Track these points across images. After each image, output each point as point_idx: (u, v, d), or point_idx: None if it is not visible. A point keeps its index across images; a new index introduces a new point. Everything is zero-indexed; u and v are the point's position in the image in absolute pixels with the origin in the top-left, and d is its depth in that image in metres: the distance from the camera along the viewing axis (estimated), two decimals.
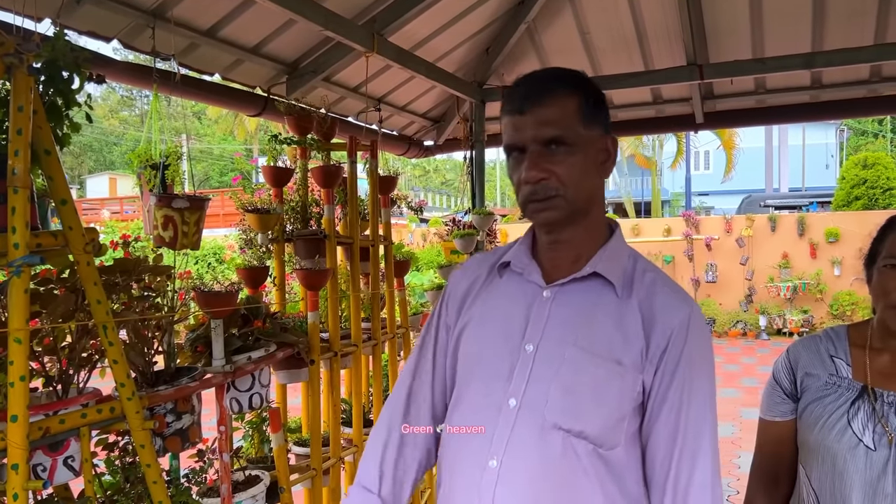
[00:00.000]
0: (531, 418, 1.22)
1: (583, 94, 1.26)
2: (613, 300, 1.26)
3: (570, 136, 1.22)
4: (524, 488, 1.20)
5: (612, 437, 1.22)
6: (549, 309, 1.27)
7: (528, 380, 1.24)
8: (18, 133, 1.74)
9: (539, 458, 1.21)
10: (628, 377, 1.21)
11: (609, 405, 1.21)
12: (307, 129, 3.43)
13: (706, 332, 1.28)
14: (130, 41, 2.88)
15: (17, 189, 1.75)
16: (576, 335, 1.24)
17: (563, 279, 1.29)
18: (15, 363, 1.73)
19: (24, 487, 1.74)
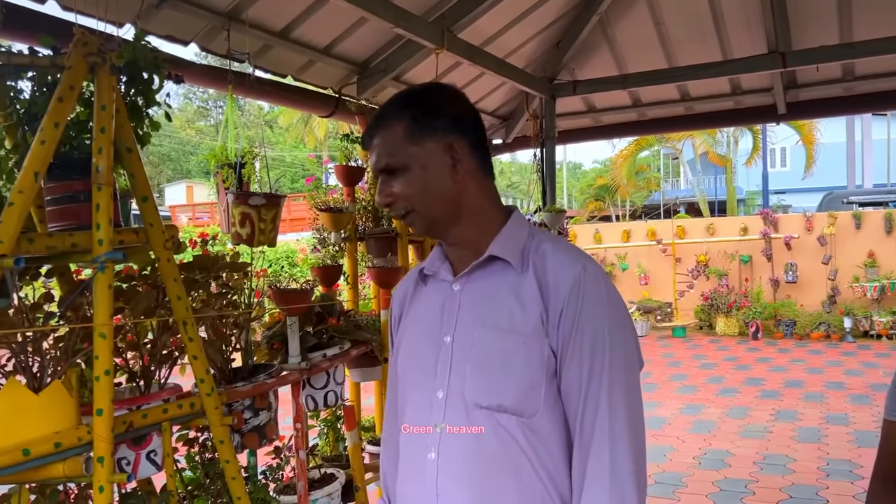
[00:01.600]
0: (457, 404, 1.29)
1: (409, 115, 1.33)
2: (514, 276, 1.32)
3: (399, 161, 1.31)
4: (462, 472, 1.26)
5: (529, 406, 1.26)
6: (458, 299, 1.35)
7: (449, 369, 1.31)
8: (102, 131, 1.77)
9: (471, 441, 1.27)
10: (533, 345, 1.26)
11: (518, 375, 1.25)
12: None
13: (602, 285, 1.30)
14: (207, 44, 2.93)
15: (100, 186, 1.78)
16: (483, 316, 1.31)
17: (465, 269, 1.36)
18: (100, 358, 1.76)
19: (109, 480, 1.76)
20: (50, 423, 1.76)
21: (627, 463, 1.24)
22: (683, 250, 15.46)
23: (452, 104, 1.36)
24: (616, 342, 1.27)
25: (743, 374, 10.34)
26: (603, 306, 1.28)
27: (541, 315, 1.27)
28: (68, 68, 1.73)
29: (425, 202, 1.32)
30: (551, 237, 1.40)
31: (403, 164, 1.31)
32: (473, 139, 1.36)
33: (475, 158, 1.35)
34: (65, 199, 1.90)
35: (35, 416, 1.74)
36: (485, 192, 1.38)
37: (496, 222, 1.37)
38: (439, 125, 1.32)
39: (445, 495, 1.27)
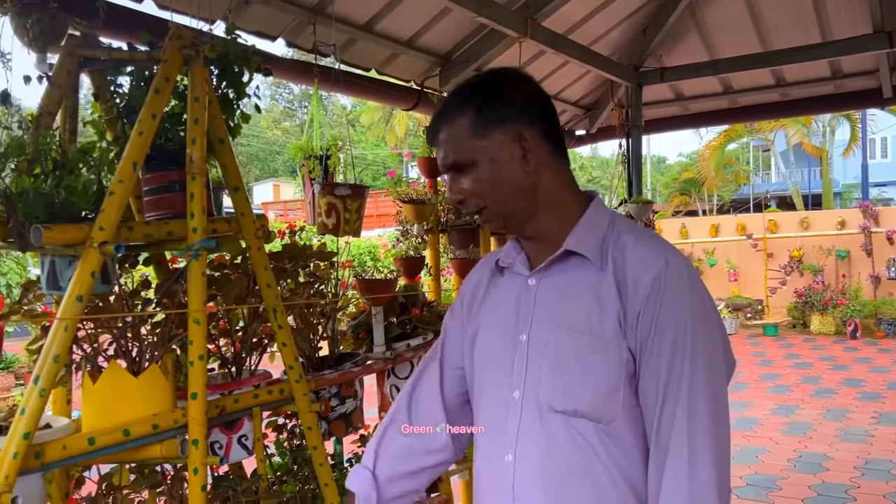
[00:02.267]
0: (533, 406, 1.23)
1: (474, 107, 1.26)
2: (592, 273, 1.24)
3: (466, 156, 1.25)
4: (538, 476, 1.22)
5: (607, 411, 1.19)
6: (534, 295, 1.29)
7: (525, 369, 1.25)
8: (196, 122, 1.82)
9: (546, 445, 1.22)
10: (611, 347, 1.19)
11: (595, 379, 1.19)
12: None
13: (686, 280, 1.21)
14: (293, 39, 2.99)
15: (194, 176, 1.83)
16: (558, 315, 1.24)
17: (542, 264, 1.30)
18: (195, 343, 1.81)
19: (203, 462, 1.81)
20: (148, 406, 1.82)
21: (707, 474, 1.14)
22: (775, 245, 14.83)
23: (519, 91, 1.29)
24: (699, 342, 1.18)
25: (840, 374, 9.83)
26: (686, 303, 1.19)
27: (618, 316, 1.20)
28: (164, 61, 1.79)
29: (498, 197, 1.26)
30: (633, 227, 1.31)
31: (471, 160, 1.25)
32: (544, 126, 1.28)
33: (547, 146, 1.27)
34: (160, 189, 1.97)
35: (134, 398, 1.80)
36: (561, 181, 1.30)
37: (575, 212, 1.30)
38: (506, 114, 1.25)
39: (522, 498, 1.24)
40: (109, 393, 1.81)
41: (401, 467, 1.44)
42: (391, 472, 1.44)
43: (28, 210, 1.61)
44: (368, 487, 1.41)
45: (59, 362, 1.56)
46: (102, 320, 1.88)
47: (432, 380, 1.47)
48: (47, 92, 1.84)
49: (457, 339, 1.46)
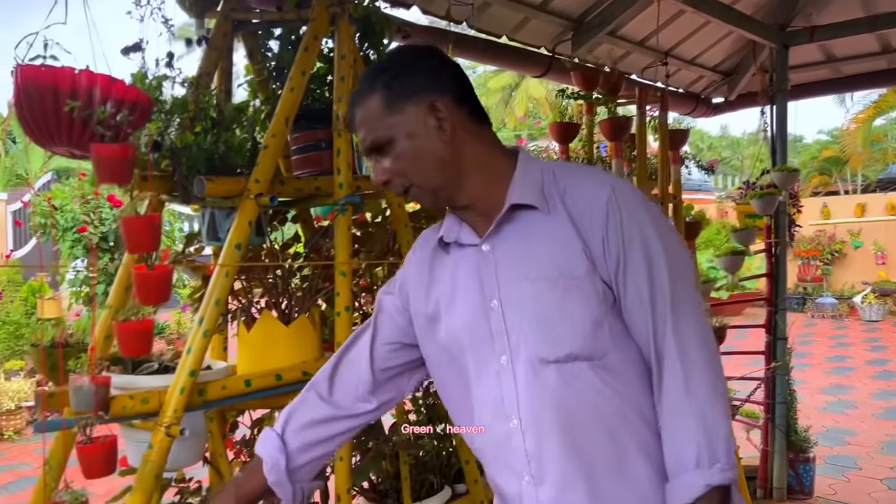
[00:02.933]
0: (524, 365, 1.21)
1: (382, 85, 1.24)
2: (543, 219, 1.23)
3: (383, 135, 1.23)
4: (548, 432, 1.20)
5: (598, 346, 1.19)
6: (493, 260, 1.25)
7: (506, 333, 1.23)
8: (342, 80, 1.87)
9: (548, 398, 1.20)
10: (585, 284, 1.19)
11: (578, 318, 1.18)
12: (593, 84, 3.32)
13: (638, 198, 1.23)
14: (427, 6, 3.00)
15: (340, 132, 1.88)
16: (524, 270, 1.22)
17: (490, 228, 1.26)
18: (341, 294, 1.86)
19: None
20: (297, 354, 1.90)
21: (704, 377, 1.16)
22: None
23: (425, 61, 1.27)
24: (670, 250, 1.20)
25: None
26: (644, 217, 1.20)
27: (583, 251, 1.19)
28: (312, 20, 1.84)
29: (421, 172, 1.23)
30: (568, 168, 1.30)
31: (388, 137, 1.23)
32: (457, 92, 1.25)
33: (462, 111, 1.24)
34: (308, 147, 2.04)
35: (285, 346, 1.89)
36: (484, 143, 1.27)
37: (506, 171, 1.26)
38: (415, 86, 1.23)
39: (537, 458, 1.21)
40: (262, 340, 1.91)
41: (312, 434, 1.39)
42: (302, 439, 1.38)
43: (191, 164, 1.71)
44: (276, 452, 1.35)
45: (219, 305, 1.65)
46: (255, 272, 1.98)
47: (361, 353, 1.42)
48: (205, 54, 1.94)
49: (393, 316, 1.41)
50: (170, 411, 1.54)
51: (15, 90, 1.31)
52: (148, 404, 1.54)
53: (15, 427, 6.77)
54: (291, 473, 1.34)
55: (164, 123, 1.72)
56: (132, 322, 1.49)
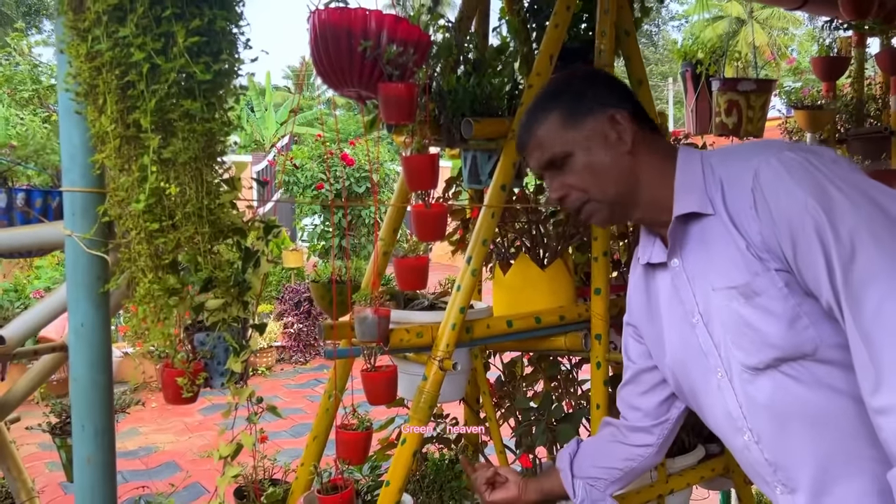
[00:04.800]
0: (739, 377, 1.17)
1: (559, 104, 1.25)
2: (713, 223, 1.17)
3: (560, 150, 1.24)
4: (781, 440, 1.16)
5: (802, 343, 1.09)
6: (684, 274, 1.23)
7: (714, 347, 1.20)
8: (605, 12, 1.79)
9: (772, 405, 1.14)
10: (761, 282, 1.10)
11: (767, 322, 1.10)
12: (866, 11, 2.93)
13: (779, 171, 1.08)
14: None
15: (605, 68, 1.80)
16: (709, 281, 1.18)
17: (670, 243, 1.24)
18: (599, 239, 1.82)
19: (605, 357, 1.83)
20: (554, 298, 1.89)
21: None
22: None
23: (599, 79, 1.31)
24: (834, 205, 1.02)
25: None
26: (789, 185, 1.06)
27: (748, 250, 1.11)
28: None
29: (600, 185, 1.23)
30: (721, 155, 1.22)
31: (566, 152, 1.23)
32: (631, 106, 1.25)
33: (637, 123, 1.24)
34: None
35: (542, 290, 1.88)
36: (659, 152, 1.25)
37: (671, 174, 1.23)
38: (594, 103, 1.24)
39: (782, 468, 1.18)
40: (519, 283, 1.92)
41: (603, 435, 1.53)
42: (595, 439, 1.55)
43: (457, 106, 1.74)
44: (571, 446, 1.53)
45: (486, 245, 1.67)
46: (509, 216, 1.99)
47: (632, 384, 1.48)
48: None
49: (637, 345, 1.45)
50: (442, 345, 1.59)
51: (312, 33, 1.38)
52: (422, 338, 1.60)
53: (266, 364, 7.58)
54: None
55: (431, 67, 1.75)
56: (410, 258, 1.54)
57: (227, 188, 1.27)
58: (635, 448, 1.48)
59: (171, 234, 1.18)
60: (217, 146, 1.21)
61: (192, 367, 1.32)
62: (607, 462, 1.49)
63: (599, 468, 1.49)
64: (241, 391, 1.39)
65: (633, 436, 1.47)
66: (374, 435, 1.60)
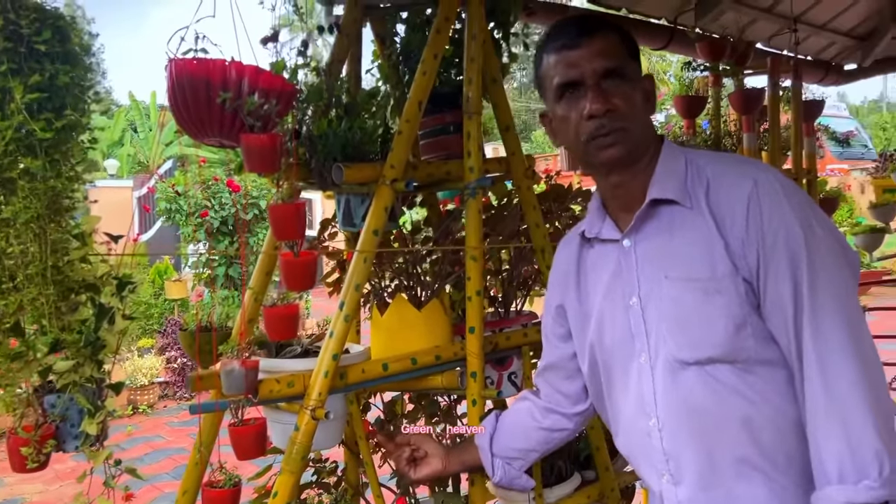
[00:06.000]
0: (663, 365, 1.20)
1: (621, 32, 1.26)
2: (685, 216, 1.20)
3: (625, 69, 1.23)
4: (687, 433, 1.20)
5: (740, 349, 1.15)
6: (633, 256, 1.25)
7: (645, 332, 1.23)
8: (472, 61, 1.84)
9: (687, 399, 1.19)
10: (726, 286, 1.15)
11: (719, 321, 1.15)
12: (720, 54, 3.16)
13: (780, 192, 1.15)
14: None
15: (471, 115, 1.85)
16: (664, 269, 1.20)
17: (631, 223, 1.25)
18: (472, 279, 1.85)
19: (480, 394, 1.86)
20: (430, 338, 1.90)
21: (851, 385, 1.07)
22: None
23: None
24: (816, 247, 1.12)
25: None
26: (787, 214, 1.13)
27: (724, 250, 1.16)
28: (443, 1, 1.81)
29: (638, 123, 1.24)
30: (710, 157, 1.27)
31: (628, 75, 1.24)
32: None
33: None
34: (436, 131, 2.03)
35: (418, 330, 1.90)
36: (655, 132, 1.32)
37: (654, 160, 1.27)
38: (639, 57, 1.29)
39: (675, 458, 1.22)
40: (396, 324, 1.92)
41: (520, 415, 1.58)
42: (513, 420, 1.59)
43: (328, 151, 1.73)
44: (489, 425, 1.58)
45: (359, 290, 1.66)
46: (386, 257, 2.00)
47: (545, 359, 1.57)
48: (336, 41, 1.95)
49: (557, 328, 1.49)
50: (315, 394, 1.57)
51: (169, 84, 1.35)
52: (293, 388, 1.58)
53: (148, 401, 7.24)
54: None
55: (300, 112, 1.74)
56: (280, 307, 1.52)
57: (78, 244, 1.22)
58: (553, 433, 1.54)
59: (13, 297, 1.12)
60: (64, 202, 1.16)
61: (39, 434, 1.24)
62: (525, 444, 1.54)
63: (518, 450, 1.55)
64: (97, 454, 1.33)
65: (551, 417, 1.51)
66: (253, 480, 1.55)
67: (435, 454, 1.54)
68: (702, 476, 1.19)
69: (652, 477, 1.27)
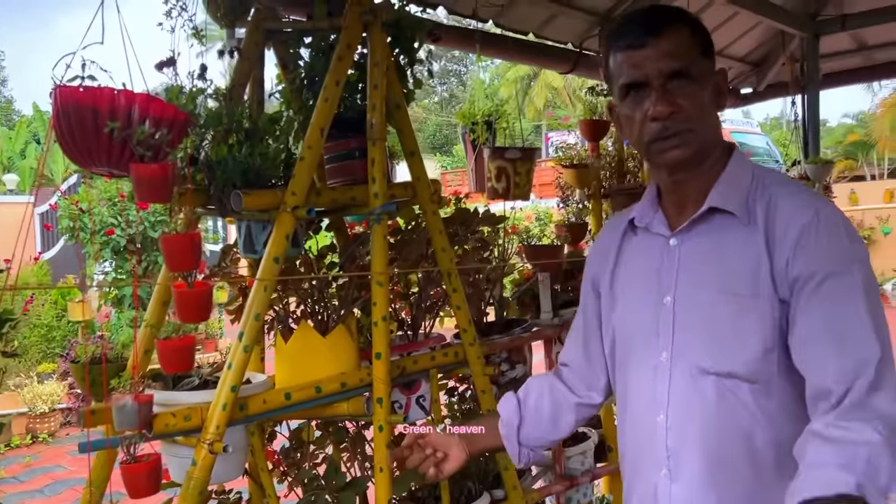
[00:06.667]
0: (683, 368, 1.23)
1: (695, 27, 1.22)
2: (739, 230, 1.20)
3: (693, 69, 1.18)
4: (694, 436, 1.22)
5: (763, 372, 1.17)
6: (678, 256, 1.25)
7: (672, 331, 1.24)
8: (375, 87, 1.85)
9: (700, 406, 1.21)
10: (764, 307, 1.15)
11: (750, 340, 1.16)
12: None
13: (842, 229, 1.15)
14: (453, 6, 2.97)
15: (375, 141, 1.86)
16: (707, 277, 1.21)
17: (683, 223, 1.25)
18: (378, 304, 1.85)
19: (387, 420, 1.86)
20: (336, 365, 1.89)
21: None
22: None
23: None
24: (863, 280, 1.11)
25: None
26: (842, 249, 1.13)
27: (770, 273, 1.15)
28: (345, 28, 1.82)
29: (705, 125, 1.21)
30: (779, 179, 1.25)
31: (697, 75, 1.18)
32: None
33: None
34: (341, 156, 2.02)
35: (323, 357, 1.88)
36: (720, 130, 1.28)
37: (720, 163, 1.25)
38: (712, 51, 1.24)
39: (678, 459, 1.25)
40: (300, 352, 1.90)
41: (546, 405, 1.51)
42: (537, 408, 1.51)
43: (227, 177, 1.70)
44: (512, 413, 1.50)
45: (259, 320, 1.64)
46: (291, 283, 1.97)
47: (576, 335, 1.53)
48: (237, 65, 1.92)
49: (590, 301, 1.48)
50: (212, 428, 1.53)
51: (54, 112, 1.30)
52: (190, 421, 1.53)
53: (49, 430, 6.87)
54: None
55: (198, 137, 1.71)
56: (174, 339, 1.48)
57: None
58: (583, 412, 1.53)
59: None
60: None
61: None
62: (554, 435, 1.53)
63: (547, 440, 1.53)
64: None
65: (581, 397, 1.51)
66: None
67: (455, 448, 1.46)
68: (700, 482, 1.22)
69: (651, 468, 1.29)
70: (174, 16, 1.89)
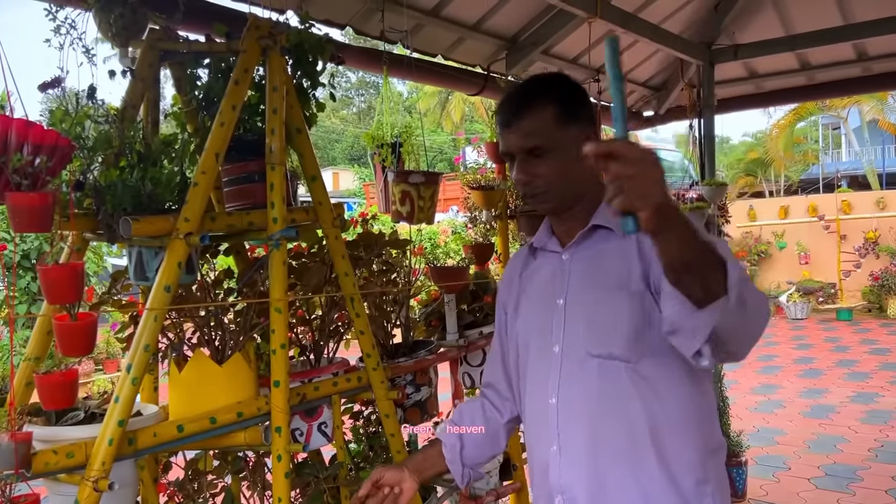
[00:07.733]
0: (571, 355, 1.44)
1: (559, 101, 1.42)
2: (616, 241, 1.43)
3: (548, 143, 1.40)
4: (578, 415, 1.43)
5: (636, 352, 1.38)
6: (568, 267, 1.49)
7: (563, 328, 1.46)
8: (274, 112, 1.82)
9: (584, 386, 1.42)
10: (636, 298, 1.37)
11: (624, 325, 1.38)
12: None
13: None
14: (361, 26, 2.98)
15: (274, 166, 1.83)
16: (591, 279, 1.45)
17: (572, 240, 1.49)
18: (276, 331, 1.82)
19: (286, 449, 1.83)
20: (232, 394, 1.84)
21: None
22: (849, 227, 14.24)
23: (586, 96, 1.48)
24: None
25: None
26: None
27: (642, 270, 1.37)
28: (242, 52, 1.79)
29: (566, 184, 1.43)
30: None
31: (552, 147, 1.40)
32: (595, 128, 1.47)
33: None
34: (240, 179, 1.99)
35: (219, 386, 1.83)
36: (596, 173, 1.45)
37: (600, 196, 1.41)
38: (583, 114, 1.44)
39: (566, 434, 1.44)
40: (195, 381, 1.84)
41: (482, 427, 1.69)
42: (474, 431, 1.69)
43: (116, 202, 1.64)
44: (454, 439, 1.66)
45: (149, 351, 1.58)
46: (187, 309, 1.92)
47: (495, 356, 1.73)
48: (131, 85, 1.86)
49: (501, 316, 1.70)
50: (97, 464, 1.47)
51: None
52: (73, 458, 1.47)
53: None
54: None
55: (86, 161, 1.64)
56: (55, 374, 1.42)
57: None
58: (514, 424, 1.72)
59: None
60: None
61: None
62: (494, 450, 1.72)
63: (487, 456, 1.71)
64: None
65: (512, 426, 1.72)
66: None
67: (408, 481, 1.58)
68: (583, 449, 1.42)
69: (544, 446, 1.48)
70: (62, 33, 1.83)
